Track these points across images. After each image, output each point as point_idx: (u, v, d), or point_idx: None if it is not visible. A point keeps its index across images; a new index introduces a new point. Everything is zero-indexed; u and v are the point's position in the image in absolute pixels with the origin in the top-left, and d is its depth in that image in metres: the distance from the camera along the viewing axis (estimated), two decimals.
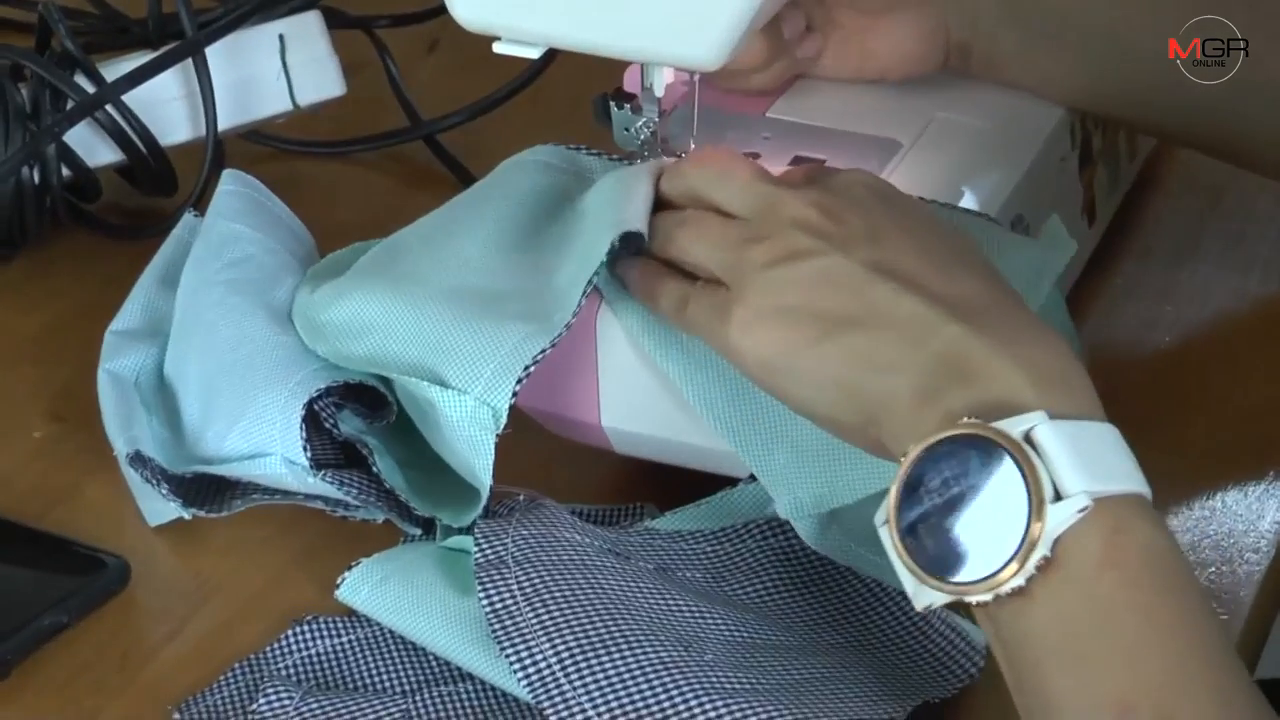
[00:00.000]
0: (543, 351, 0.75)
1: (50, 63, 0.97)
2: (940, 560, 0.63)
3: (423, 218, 0.84)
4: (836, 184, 0.73)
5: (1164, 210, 1.03)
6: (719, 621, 0.73)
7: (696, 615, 0.73)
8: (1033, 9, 0.89)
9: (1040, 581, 0.61)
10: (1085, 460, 0.62)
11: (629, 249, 0.76)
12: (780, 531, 0.78)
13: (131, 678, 0.75)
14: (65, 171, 0.98)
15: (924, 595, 0.64)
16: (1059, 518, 0.61)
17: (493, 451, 0.75)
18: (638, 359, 0.78)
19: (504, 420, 0.75)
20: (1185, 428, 0.87)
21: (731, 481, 0.80)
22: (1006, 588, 0.62)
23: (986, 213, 0.82)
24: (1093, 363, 0.89)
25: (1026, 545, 0.61)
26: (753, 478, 0.78)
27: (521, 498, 0.78)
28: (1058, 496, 0.61)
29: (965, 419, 0.63)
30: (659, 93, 0.81)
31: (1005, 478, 0.62)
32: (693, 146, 0.83)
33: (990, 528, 0.62)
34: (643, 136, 0.83)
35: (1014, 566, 0.61)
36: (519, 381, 0.75)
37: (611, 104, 0.83)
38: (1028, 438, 0.62)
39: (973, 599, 0.63)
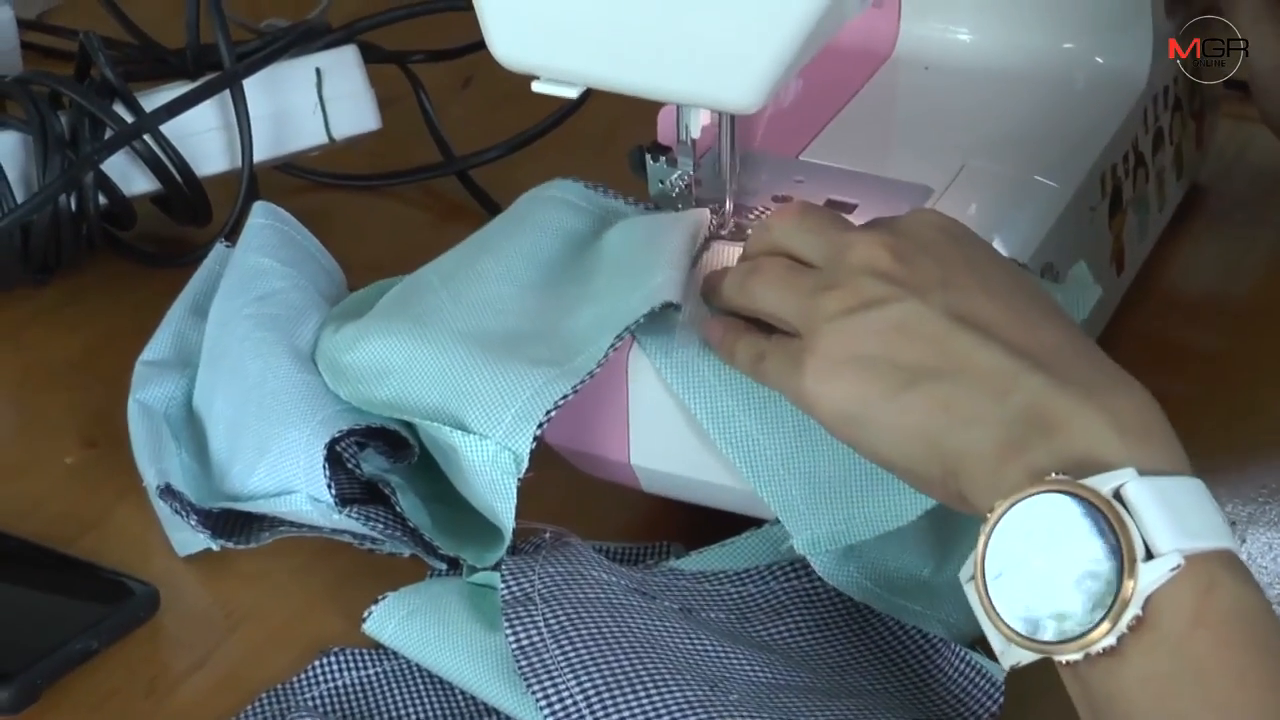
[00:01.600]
0: (565, 398, 0.75)
1: (90, 91, 0.98)
2: (1028, 618, 0.62)
3: (444, 254, 0.85)
4: (906, 226, 0.72)
5: (1192, 260, 1.03)
6: (744, 662, 0.73)
7: (721, 655, 0.73)
8: None
9: (1132, 641, 0.60)
10: (1176, 517, 0.61)
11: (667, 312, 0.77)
12: (805, 573, 0.79)
13: (159, 705, 0.76)
14: (102, 199, 0.98)
15: (1012, 654, 0.63)
16: (1151, 576, 0.60)
17: (514, 496, 0.75)
18: (669, 399, 0.78)
19: (525, 465, 0.75)
20: (1209, 477, 0.87)
21: (758, 523, 0.80)
22: (1098, 647, 0.61)
23: (1017, 259, 0.82)
24: None
25: (1119, 604, 0.60)
26: (779, 519, 0.78)
27: (548, 535, 0.79)
28: (1149, 554, 0.60)
29: (1052, 475, 0.62)
30: (695, 134, 0.81)
31: (1095, 535, 0.61)
32: (729, 190, 0.83)
33: (1080, 586, 0.61)
34: (678, 190, 0.83)
35: (1106, 626, 0.60)
36: (540, 426, 0.75)
37: (647, 156, 0.83)
38: (1117, 494, 0.61)
39: (1062, 658, 0.62)
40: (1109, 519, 0.61)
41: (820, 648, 0.77)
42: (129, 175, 0.99)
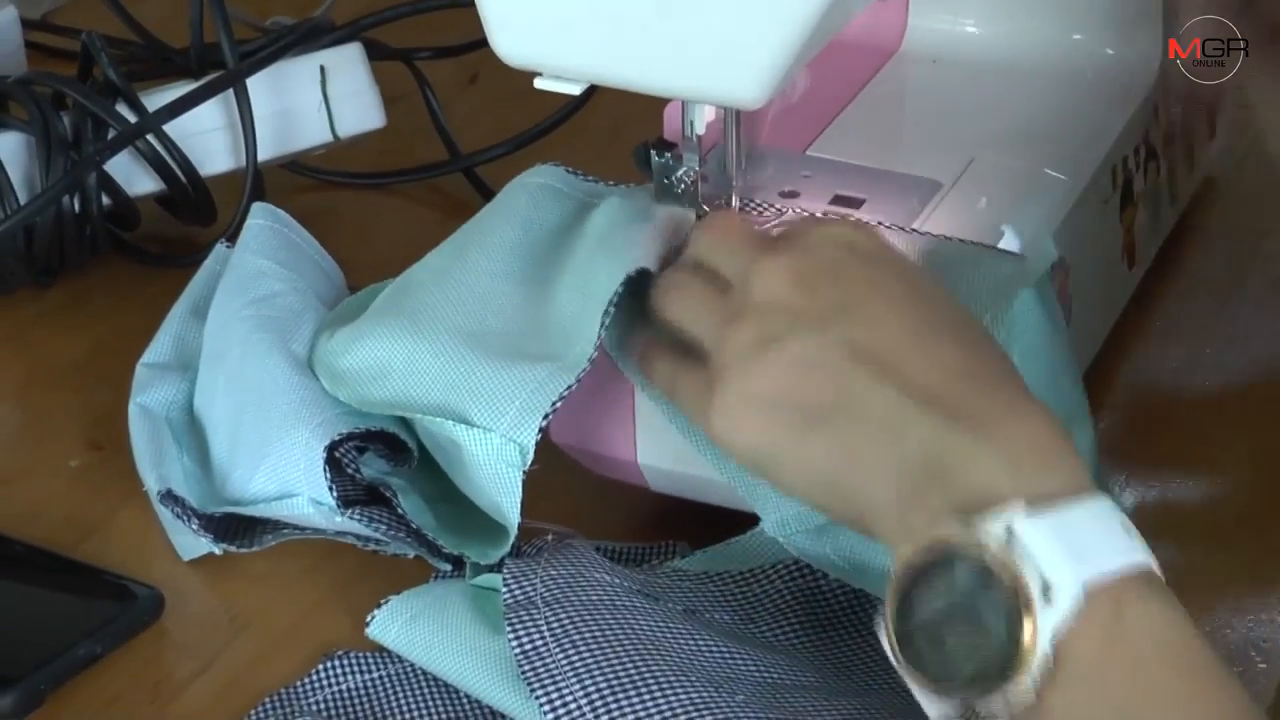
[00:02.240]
0: (569, 388, 0.75)
1: (92, 91, 0.97)
2: (944, 670, 0.61)
3: (431, 252, 0.84)
4: (813, 243, 0.71)
5: (1205, 253, 1.02)
6: (749, 663, 0.73)
7: (726, 656, 0.73)
8: None
9: (1049, 684, 0.59)
10: (1072, 547, 0.59)
11: (639, 285, 0.76)
12: (809, 572, 0.78)
13: (163, 710, 0.75)
14: (105, 200, 0.98)
15: (934, 706, 0.61)
16: (1054, 614, 0.59)
17: (520, 490, 0.75)
18: None
19: (530, 457, 0.75)
20: (1228, 473, 0.87)
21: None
22: (1016, 697, 0.59)
23: (1024, 254, 0.81)
24: (1130, 406, 0.89)
25: (1025, 648, 0.59)
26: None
27: (550, 537, 0.78)
28: (1050, 589, 0.59)
29: (945, 522, 0.61)
30: (700, 130, 0.80)
31: (993, 581, 0.60)
32: (735, 186, 0.82)
33: (988, 633, 0.60)
34: (683, 186, 0.82)
35: (1018, 672, 0.59)
36: (545, 418, 0.74)
37: (652, 153, 0.83)
38: (1009, 530, 0.60)
39: (984, 710, 0.60)
40: (1001, 563, 0.59)
41: (825, 647, 0.76)
42: (133, 175, 0.98)
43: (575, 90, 0.77)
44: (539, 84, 0.78)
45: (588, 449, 0.81)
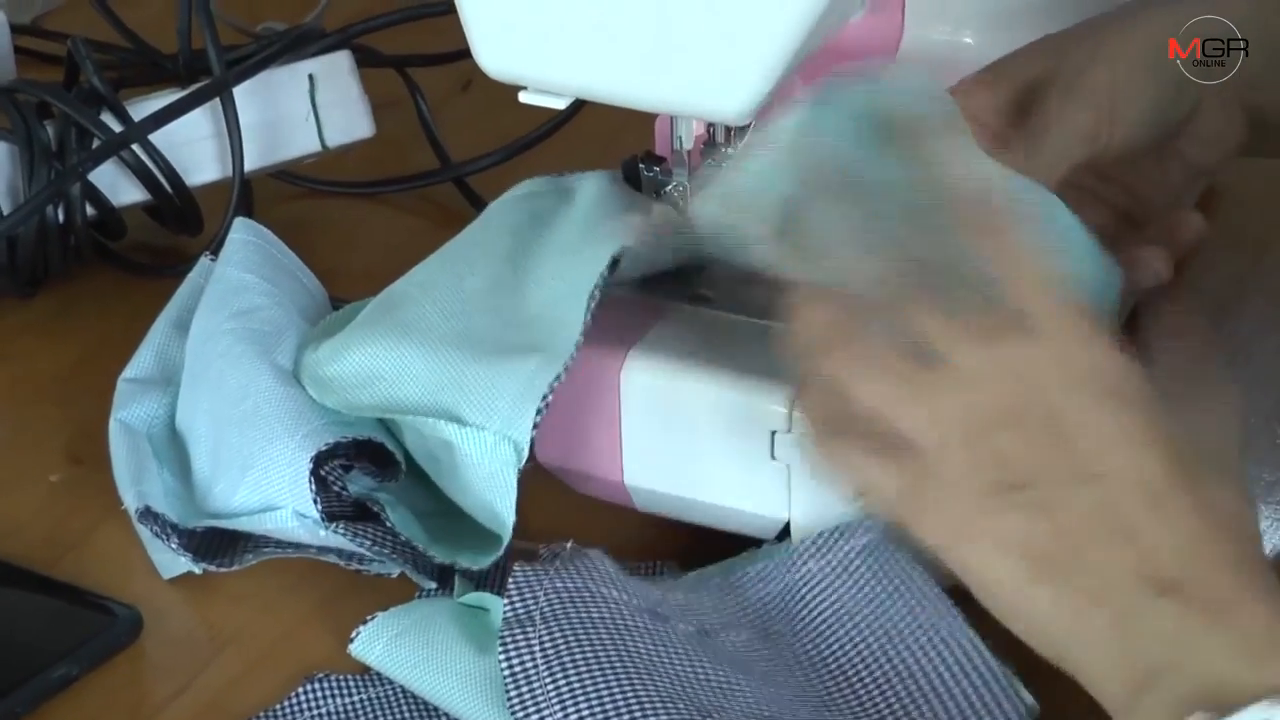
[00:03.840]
0: (558, 378, 0.74)
1: (77, 100, 0.96)
2: None
3: (416, 267, 0.84)
4: (1029, 368, 0.66)
5: (1205, 267, 1.00)
6: (747, 696, 0.71)
7: (723, 686, 0.71)
8: None
9: None
10: None
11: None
12: (823, 552, 0.76)
13: None
14: (90, 210, 0.97)
15: None
16: None
17: (515, 489, 0.74)
18: (661, 416, 0.77)
19: (525, 454, 0.74)
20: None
21: (756, 543, 0.78)
22: None
23: None
24: None
25: None
26: (778, 538, 0.77)
27: (569, 544, 0.76)
28: None
29: (1193, 713, 0.59)
30: (688, 145, 0.79)
31: None
32: None
33: None
34: (671, 200, 0.81)
35: None
36: (539, 413, 0.74)
37: (641, 167, 0.82)
38: None
39: None
40: None
41: (846, 654, 0.74)
42: (118, 185, 0.97)
43: (560, 104, 0.76)
44: (524, 98, 0.77)
45: (573, 468, 0.81)
